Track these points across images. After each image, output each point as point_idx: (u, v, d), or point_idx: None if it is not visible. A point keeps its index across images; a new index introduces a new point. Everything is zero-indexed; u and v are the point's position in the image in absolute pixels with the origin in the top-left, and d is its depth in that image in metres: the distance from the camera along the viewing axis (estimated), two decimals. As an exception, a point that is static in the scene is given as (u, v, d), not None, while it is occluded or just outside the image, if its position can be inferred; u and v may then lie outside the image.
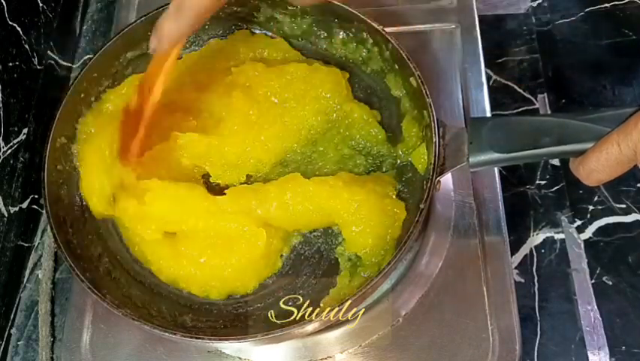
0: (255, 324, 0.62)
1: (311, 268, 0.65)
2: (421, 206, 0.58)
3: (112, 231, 0.68)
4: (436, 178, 0.59)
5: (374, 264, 0.62)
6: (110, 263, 0.66)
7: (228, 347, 0.65)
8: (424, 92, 0.62)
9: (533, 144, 0.56)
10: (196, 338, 0.56)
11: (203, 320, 0.63)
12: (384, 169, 0.68)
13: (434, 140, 0.60)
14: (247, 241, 0.63)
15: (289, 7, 0.73)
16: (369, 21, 0.68)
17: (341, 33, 0.73)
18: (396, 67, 0.68)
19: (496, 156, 0.57)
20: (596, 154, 0.52)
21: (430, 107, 0.61)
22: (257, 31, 0.77)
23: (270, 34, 0.76)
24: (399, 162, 0.67)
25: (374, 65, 0.72)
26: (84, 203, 0.68)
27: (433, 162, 0.59)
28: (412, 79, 0.65)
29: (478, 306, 0.66)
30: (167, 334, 0.56)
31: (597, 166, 0.52)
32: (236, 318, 0.63)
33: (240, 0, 0.74)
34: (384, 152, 0.68)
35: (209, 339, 0.57)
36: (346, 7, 0.68)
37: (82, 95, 0.70)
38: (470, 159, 0.58)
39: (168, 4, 0.71)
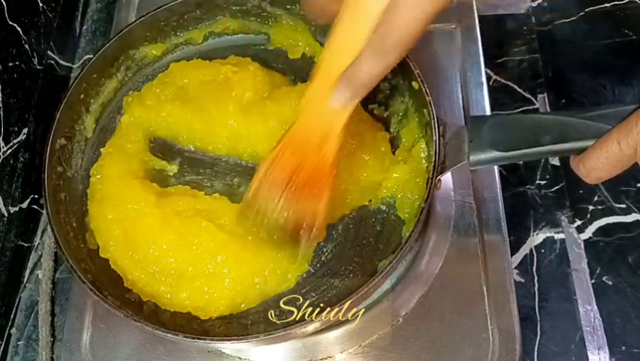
0: (255, 324, 0.62)
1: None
2: (422, 205, 0.58)
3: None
4: (436, 177, 0.59)
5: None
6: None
7: (228, 347, 0.65)
8: (423, 90, 0.62)
9: (534, 141, 0.56)
10: (196, 338, 0.56)
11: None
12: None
13: (434, 138, 0.60)
14: None
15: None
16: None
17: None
18: (396, 65, 0.68)
19: (496, 154, 0.57)
20: (596, 152, 0.52)
21: (430, 105, 0.61)
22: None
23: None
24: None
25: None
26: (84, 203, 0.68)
27: (433, 160, 0.59)
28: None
29: (478, 306, 0.66)
30: (168, 335, 0.56)
31: (597, 164, 0.52)
32: (237, 318, 0.62)
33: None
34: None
35: (210, 339, 0.57)
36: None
37: (82, 96, 0.71)
38: (471, 158, 0.58)
39: (168, 3, 0.72)
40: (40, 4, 0.79)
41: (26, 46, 0.75)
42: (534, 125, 0.57)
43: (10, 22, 0.72)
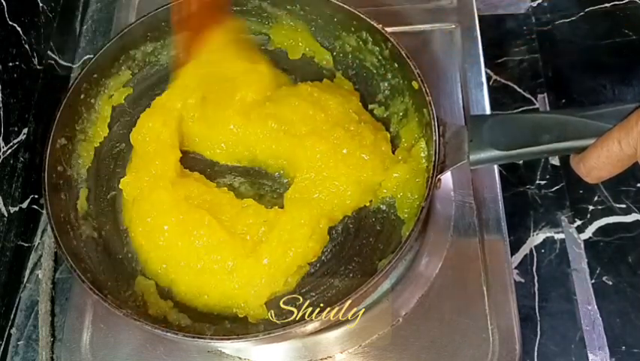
0: (255, 324, 0.62)
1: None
2: (422, 204, 0.58)
3: (113, 231, 0.68)
4: (436, 176, 0.59)
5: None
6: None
7: (228, 346, 0.65)
8: (424, 90, 0.62)
9: (533, 141, 0.56)
10: (196, 337, 0.56)
11: (203, 320, 0.63)
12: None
13: (434, 138, 0.60)
14: None
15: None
16: (368, 20, 0.68)
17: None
18: (396, 65, 0.68)
19: (496, 153, 0.57)
20: (596, 151, 0.52)
21: (430, 105, 0.62)
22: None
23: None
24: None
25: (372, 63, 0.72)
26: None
27: (433, 159, 0.59)
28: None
29: (478, 306, 0.66)
30: (168, 334, 0.56)
31: (597, 163, 0.52)
32: (237, 318, 0.62)
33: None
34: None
35: (210, 339, 0.57)
36: (345, 7, 0.69)
37: (82, 96, 0.71)
38: (471, 157, 0.58)
39: (169, 3, 0.72)
40: (40, 4, 0.79)
41: (26, 46, 0.75)
42: (534, 125, 0.57)
43: (10, 22, 0.72)
